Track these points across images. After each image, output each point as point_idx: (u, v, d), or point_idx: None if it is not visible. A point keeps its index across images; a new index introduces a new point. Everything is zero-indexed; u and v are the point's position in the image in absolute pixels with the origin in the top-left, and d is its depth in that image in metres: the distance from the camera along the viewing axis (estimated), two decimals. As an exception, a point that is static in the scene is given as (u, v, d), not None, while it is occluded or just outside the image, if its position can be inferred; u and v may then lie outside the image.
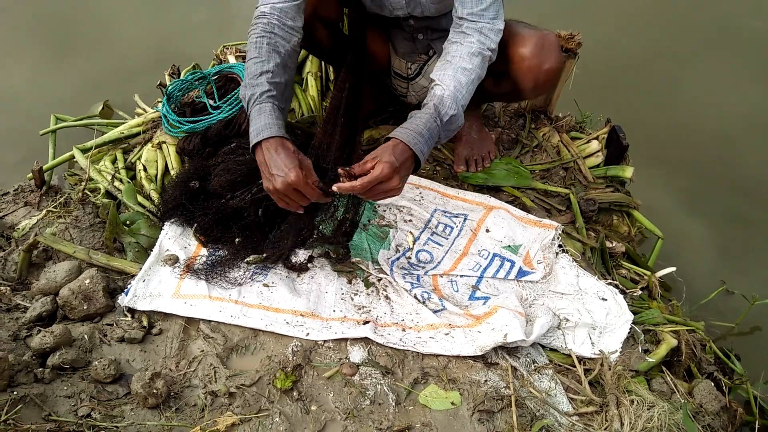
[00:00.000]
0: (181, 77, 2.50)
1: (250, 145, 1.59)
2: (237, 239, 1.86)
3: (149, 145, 2.28)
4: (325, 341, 1.67)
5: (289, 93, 1.73)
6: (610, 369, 1.63)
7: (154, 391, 1.46)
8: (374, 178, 1.49)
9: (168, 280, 1.77)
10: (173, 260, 1.82)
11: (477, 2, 1.65)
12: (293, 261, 1.88)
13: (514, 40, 1.82)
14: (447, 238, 2.02)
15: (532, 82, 1.86)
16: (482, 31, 1.66)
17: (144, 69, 2.86)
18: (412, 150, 1.52)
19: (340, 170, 1.52)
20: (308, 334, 1.67)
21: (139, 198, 2.08)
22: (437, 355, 1.67)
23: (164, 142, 2.25)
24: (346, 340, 1.68)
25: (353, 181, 1.50)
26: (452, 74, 1.62)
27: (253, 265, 1.84)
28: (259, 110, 1.60)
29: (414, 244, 1.99)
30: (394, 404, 1.55)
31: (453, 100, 1.60)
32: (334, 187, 1.51)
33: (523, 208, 2.14)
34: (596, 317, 1.79)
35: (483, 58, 1.66)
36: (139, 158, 2.26)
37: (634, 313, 1.84)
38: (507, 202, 2.15)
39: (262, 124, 1.57)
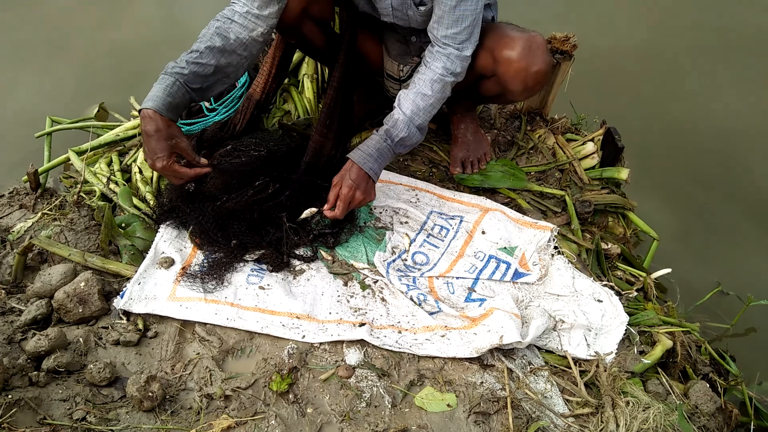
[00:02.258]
0: (177, 79, 2.49)
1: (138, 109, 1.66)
2: (233, 242, 1.86)
3: (145, 147, 2.27)
4: (321, 344, 1.67)
5: (222, 76, 1.76)
6: (605, 370, 1.64)
7: (150, 394, 1.46)
8: (343, 200, 1.79)
9: (163, 283, 1.76)
10: (169, 263, 1.81)
11: (452, 25, 1.73)
12: (298, 253, 1.90)
13: (501, 42, 1.83)
14: (443, 240, 2.02)
15: (521, 84, 1.86)
16: (449, 56, 1.78)
17: (140, 71, 2.86)
18: (363, 169, 1.79)
19: (315, 209, 1.86)
20: (304, 336, 1.67)
21: (135, 200, 2.08)
22: (433, 357, 1.67)
23: (160, 145, 2.24)
24: (342, 342, 1.68)
25: (333, 211, 1.81)
26: (412, 99, 1.81)
27: (250, 266, 1.84)
28: (160, 80, 1.67)
29: (410, 246, 1.99)
30: (390, 406, 1.55)
31: (406, 124, 1.81)
32: (325, 212, 1.83)
33: (519, 209, 2.15)
34: (592, 319, 1.79)
35: (444, 84, 1.81)
36: (134, 160, 2.25)
37: (630, 314, 1.84)
38: (503, 203, 2.16)
39: (152, 93, 1.65)
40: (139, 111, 1.67)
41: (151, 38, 3.24)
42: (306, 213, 1.88)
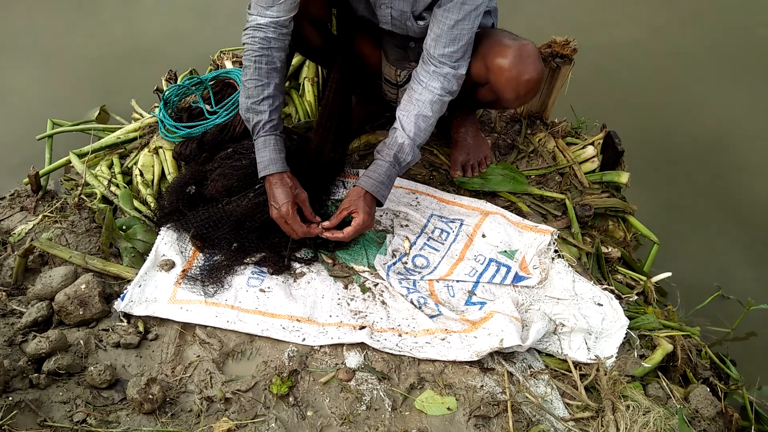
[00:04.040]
0: (178, 82, 2.50)
1: (259, 176, 1.83)
2: (234, 244, 1.86)
3: (146, 150, 2.28)
4: (321, 346, 1.67)
5: (284, 96, 1.99)
6: (605, 374, 1.64)
7: (150, 396, 1.46)
8: (360, 227, 1.82)
9: (164, 286, 1.76)
10: (169, 265, 1.82)
11: (449, 44, 1.75)
12: (297, 257, 1.92)
13: (494, 51, 1.83)
14: (443, 243, 2.02)
15: (513, 93, 1.85)
16: (446, 76, 1.80)
17: (141, 74, 2.86)
18: (376, 197, 1.84)
19: (324, 233, 1.85)
20: (304, 339, 1.67)
21: (136, 203, 2.08)
22: (433, 361, 1.67)
23: (161, 147, 2.25)
24: (342, 345, 1.68)
25: (338, 232, 1.83)
26: (414, 121, 1.83)
27: (251, 269, 1.84)
28: (264, 143, 1.83)
29: (410, 249, 1.99)
30: (390, 410, 1.54)
31: (411, 147, 1.84)
32: (326, 234, 1.85)
33: (519, 213, 2.15)
34: (592, 322, 1.79)
35: (443, 103, 1.85)
36: (135, 163, 2.26)
37: (630, 318, 1.84)
38: (503, 207, 2.16)
39: (267, 158, 1.81)
40: (262, 178, 1.83)
41: (151, 41, 3.25)
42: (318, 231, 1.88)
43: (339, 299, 1.81)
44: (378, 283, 1.87)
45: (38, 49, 3.22)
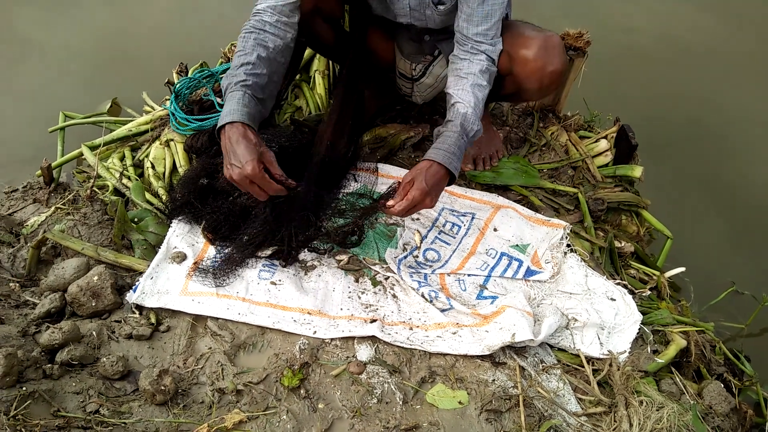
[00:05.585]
0: (189, 75, 2.50)
1: (215, 130, 1.65)
2: (245, 237, 1.86)
3: (157, 142, 2.28)
4: (332, 339, 1.67)
5: (274, 86, 1.77)
6: (618, 369, 1.63)
7: (162, 387, 1.47)
8: (410, 203, 1.62)
9: (176, 278, 1.77)
10: (181, 257, 1.82)
11: (482, 22, 1.72)
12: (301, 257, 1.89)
13: (518, 42, 1.82)
14: (454, 237, 2.01)
15: (537, 83, 1.86)
16: (486, 51, 1.76)
17: (152, 67, 2.87)
18: (447, 168, 1.66)
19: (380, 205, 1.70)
20: (315, 332, 1.67)
21: (147, 195, 2.08)
22: (445, 354, 1.66)
23: (172, 140, 2.25)
24: (353, 338, 1.68)
25: (392, 207, 1.65)
26: (471, 90, 1.72)
27: (262, 262, 1.84)
28: (230, 97, 1.65)
29: (421, 242, 1.98)
30: (401, 403, 1.54)
31: (475, 116, 1.71)
32: (387, 209, 1.66)
33: (531, 207, 2.14)
34: (605, 317, 1.78)
35: (491, 74, 1.78)
36: (147, 156, 2.26)
37: (643, 313, 1.83)
38: (515, 201, 2.15)
39: (227, 109, 1.62)
40: (218, 131, 1.63)
41: (162, 34, 3.25)
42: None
43: (350, 292, 1.81)
44: (389, 277, 1.87)
45: (51, 43, 3.23)
